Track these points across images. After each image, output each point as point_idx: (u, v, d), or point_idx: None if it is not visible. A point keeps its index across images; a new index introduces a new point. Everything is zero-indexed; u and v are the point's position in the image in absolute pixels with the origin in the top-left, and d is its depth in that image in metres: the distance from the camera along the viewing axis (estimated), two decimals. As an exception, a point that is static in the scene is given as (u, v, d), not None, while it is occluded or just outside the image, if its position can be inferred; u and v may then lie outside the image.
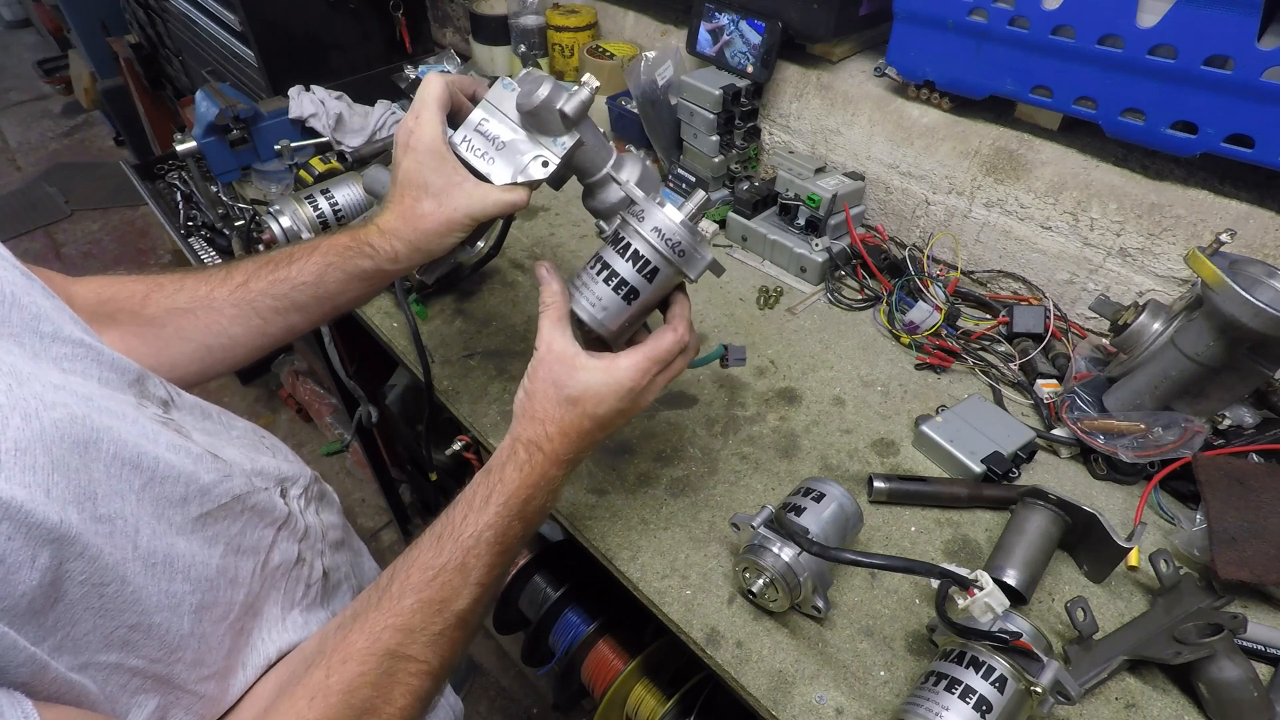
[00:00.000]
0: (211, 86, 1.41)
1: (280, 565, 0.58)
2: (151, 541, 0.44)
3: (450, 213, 0.68)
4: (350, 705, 0.47)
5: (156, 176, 1.59)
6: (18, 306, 0.46)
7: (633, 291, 0.64)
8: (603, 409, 0.61)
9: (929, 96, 1.14)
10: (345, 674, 0.48)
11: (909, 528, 0.85)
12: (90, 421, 0.42)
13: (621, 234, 0.64)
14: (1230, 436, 0.87)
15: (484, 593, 0.56)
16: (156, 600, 0.43)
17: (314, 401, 2.44)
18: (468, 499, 0.58)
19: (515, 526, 0.58)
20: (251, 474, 0.56)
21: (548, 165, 0.69)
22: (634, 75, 1.28)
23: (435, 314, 1.12)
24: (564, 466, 0.62)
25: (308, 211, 1.16)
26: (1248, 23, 0.79)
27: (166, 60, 2.49)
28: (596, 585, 1.28)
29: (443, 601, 0.53)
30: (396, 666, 0.50)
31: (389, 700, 0.49)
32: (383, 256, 0.69)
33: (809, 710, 0.68)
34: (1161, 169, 0.98)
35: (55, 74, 4.27)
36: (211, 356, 0.67)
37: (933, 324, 1.04)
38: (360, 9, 1.60)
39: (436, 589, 0.53)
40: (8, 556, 0.34)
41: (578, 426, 0.61)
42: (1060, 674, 0.60)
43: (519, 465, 0.59)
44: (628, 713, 1.20)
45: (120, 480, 0.43)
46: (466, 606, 0.54)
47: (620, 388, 0.61)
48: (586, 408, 0.61)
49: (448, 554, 0.54)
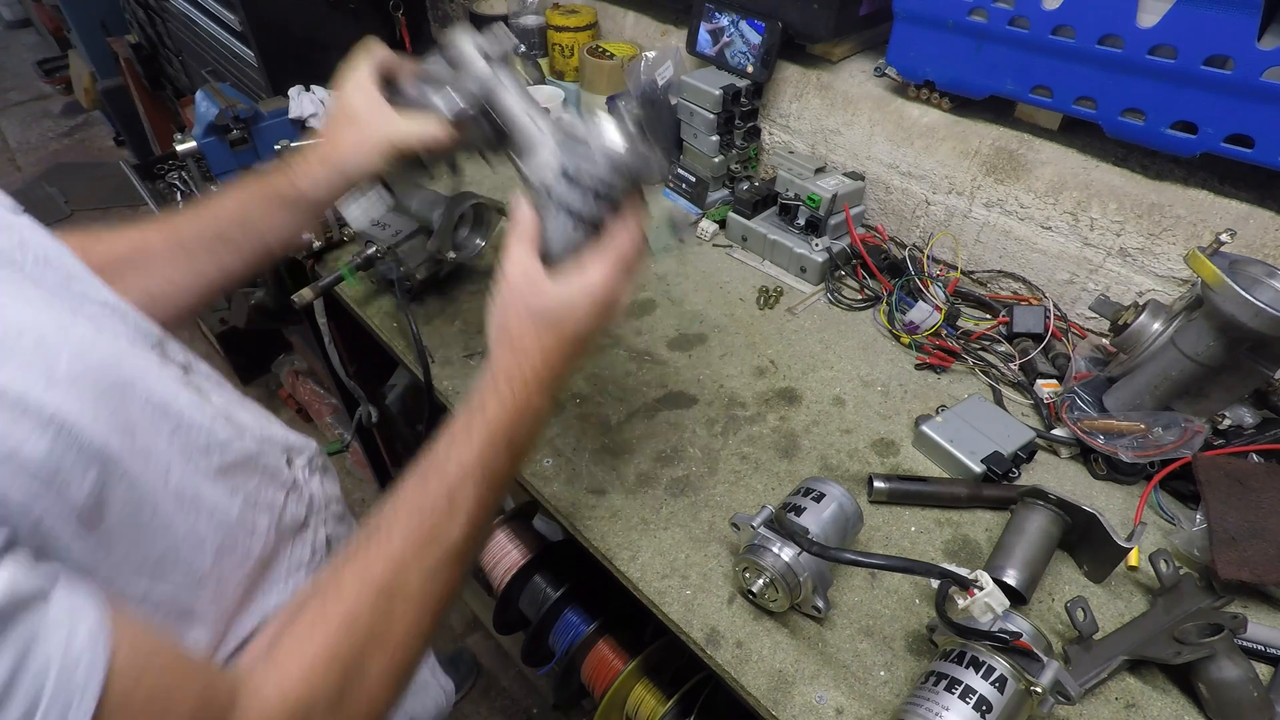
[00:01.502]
0: (211, 86, 1.41)
1: (290, 525, 0.60)
2: (182, 480, 0.47)
3: (369, 135, 0.73)
4: (352, 634, 0.47)
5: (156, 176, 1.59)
6: (51, 266, 0.49)
7: (593, 224, 0.63)
8: (583, 326, 0.61)
9: (929, 96, 1.14)
10: (342, 605, 0.48)
11: (909, 528, 0.85)
12: (126, 368, 0.46)
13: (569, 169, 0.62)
14: (1230, 436, 0.87)
15: (475, 528, 0.56)
16: (184, 533, 0.46)
17: (314, 401, 2.44)
18: (451, 434, 0.57)
19: (502, 458, 0.57)
20: (261, 438, 0.59)
21: (454, 103, 0.74)
22: (634, 75, 1.28)
23: (435, 314, 1.12)
24: (548, 392, 0.61)
25: None
26: (1248, 23, 0.79)
27: (166, 60, 2.50)
28: (596, 585, 1.27)
29: (433, 538, 0.53)
30: (393, 599, 0.50)
31: (388, 632, 0.49)
32: (302, 178, 0.73)
33: (809, 710, 0.68)
34: (1161, 169, 0.98)
35: (55, 74, 4.27)
36: (156, 306, 0.66)
37: (933, 324, 1.04)
38: (360, 9, 1.60)
39: (427, 523, 0.53)
40: (63, 468, 0.37)
41: (559, 350, 0.60)
42: (1060, 674, 0.60)
43: (501, 399, 0.58)
44: (628, 713, 1.20)
45: (153, 422, 0.46)
46: (458, 539, 0.54)
47: (597, 299, 0.60)
48: (567, 328, 0.60)
49: (434, 489, 0.54)
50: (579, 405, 0.98)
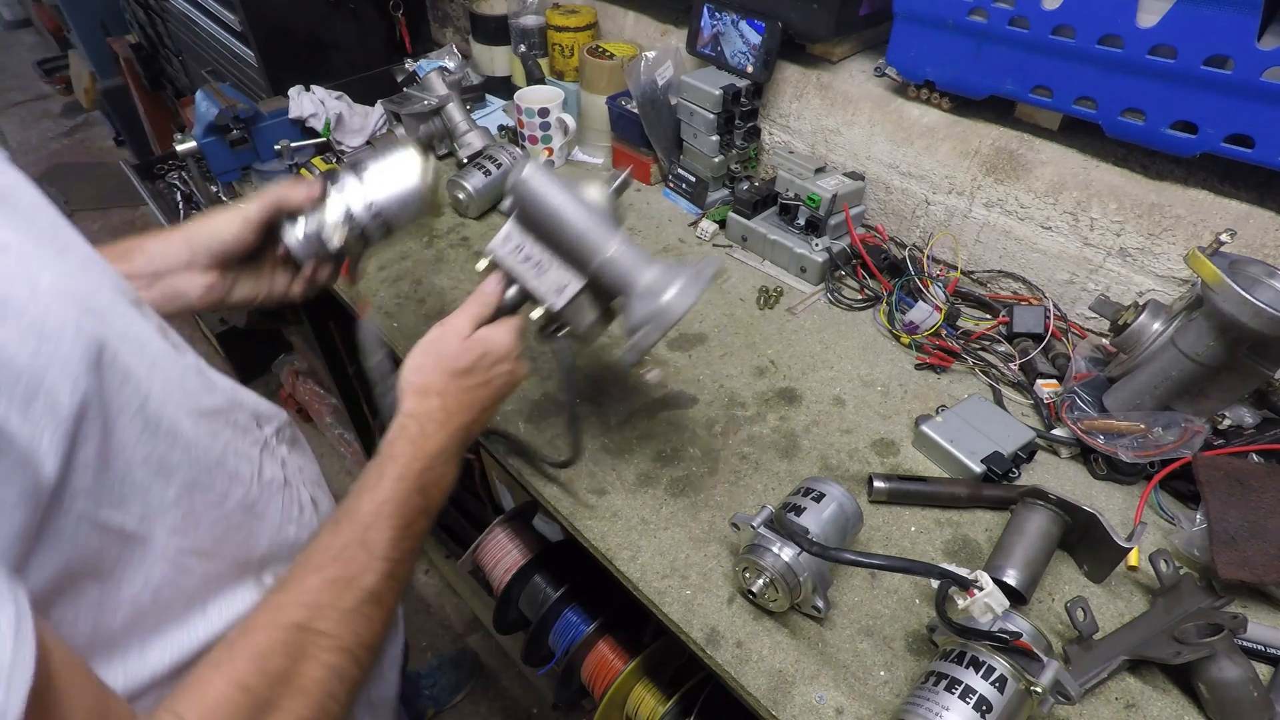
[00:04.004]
0: (211, 86, 1.41)
1: (272, 480, 0.61)
2: (159, 410, 0.46)
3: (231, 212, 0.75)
4: (263, 670, 0.46)
5: (156, 176, 1.59)
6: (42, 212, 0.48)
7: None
8: (491, 374, 0.68)
9: (929, 96, 1.14)
10: (248, 642, 0.47)
11: (909, 528, 0.85)
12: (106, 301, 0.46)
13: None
14: (1230, 436, 0.87)
15: (393, 567, 0.56)
16: (143, 457, 0.45)
17: (314, 401, 2.44)
18: (361, 483, 0.59)
19: (415, 499, 0.59)
20: (232, 398, 0.60)
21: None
22: (634, 75, 1.28)
23: (435, 314, 1.12)
24: (457, 435, 0.65)
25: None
26: (1248, 23, 0.79)
27: (166, 60, 2.50)
28: (596, 585, 1.27)
29: (349, 578, 0.53)
30: (305, 639, 0.49)
31: (301, 671, 0.48)
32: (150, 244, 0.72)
33: (809, 710, 0.68)
34: (1161, 169, 0.98)
35: (55, 74, 4.27)
36: None
37: (933, 324, 1.04)
38: (360, 9, 1.60)
39: (340, 566, 0.53)
40: (48, 379, 0.37)
41: (458, 389, 0.67)
42: (1060, 674, 0.60)
43: (410, 439, 0.62)
44: (628, 713, 1.20)
45: (132, 352, 0.46)
46: (375, 581, 0.54)
47: (488, 343, 0.69)
48: (477, 377, 0.67)
49: (346, 533, 0.55)
50: (579, 405, 0.98)
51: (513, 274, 0.75)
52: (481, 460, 1.61)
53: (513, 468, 0.91)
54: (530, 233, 0.74)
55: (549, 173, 0.72)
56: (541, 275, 0.74)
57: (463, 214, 1.32)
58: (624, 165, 1.44)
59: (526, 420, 0.96)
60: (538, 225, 0.73)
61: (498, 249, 0.75)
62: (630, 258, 0.71)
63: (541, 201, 0.71)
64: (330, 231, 0.77)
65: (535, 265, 0.74)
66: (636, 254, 0.71)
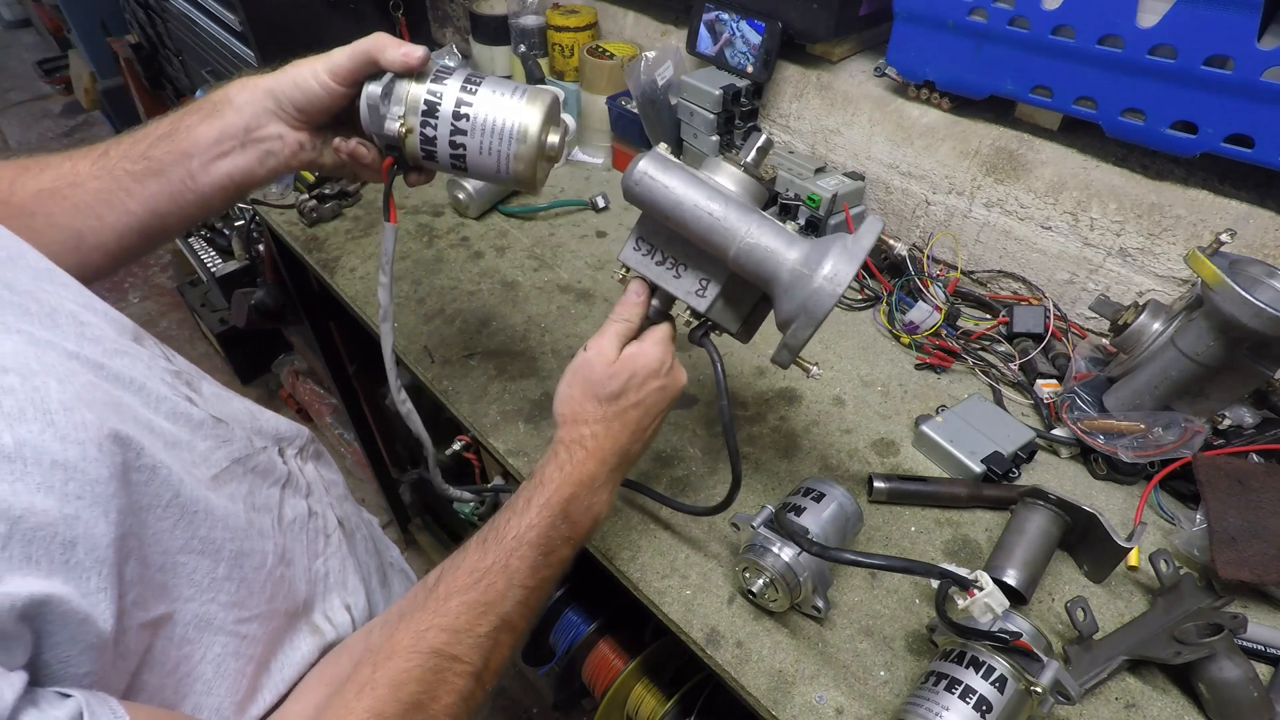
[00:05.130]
0: (212, 86, 1.41)
1: (295, 520, 0.60)
2: (191, 492, 0.45)
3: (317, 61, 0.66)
4: (398, 699, 0.47)
5: (156, 176, 1.59)
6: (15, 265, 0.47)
7: None
8: (637, 394, 0.64)
9: (929, 96, 1.14)
10: (391, 669, 0.48)
11: (909, 528, 0.85)
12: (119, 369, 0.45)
13: None
14: (1230, 436, 0.87)
15: (529, 595, 0.56)
16: (183, 544, 0.45)
17: (314, 401, 2.44)
18: (512, 504, 0.59)
19: (560, 527, 0.59)
20: (252, 431, 0.58)
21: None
22: (634, 75, 1.28)
23: (435, 314, 1.12)
24: (609, 462, 0.63)
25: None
26: (1248, 23, 0.79)
27: (166, 60, 2.50)
28: (596, 585, 1.27)
29: (488, 603, 0.53)
30: (443, 665, 0.49)
31: (435, 698, 0.48)
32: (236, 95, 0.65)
33: (809, 710, 0.68)
34: (1161, 169, 0.98)
35: (55, 74, 4.27)
36: (84, 245, 0.62)
37: (933, 324, 1.04)
38: (360, 9, 1.61)
39: (481, 590, 0.53)
40: (82, 513, 0.36)
41: (619, 417, 0.63)
42: (1060, 674, 0.60)
43: (559, 465, 0.61)
44: (628, 713, 1.20)
45: (150, 431, 0.45)
46: (512, 609, 0.55)
47: (651, 368, 0.64)
48: (629, 399, 0.64)
49: (492, 556, 0.55)
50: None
51: (650, 280, 0.70)
52: (481, 461, 1.61)
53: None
54: (659, 233, 0.68)
55: (664, 163, 0.65)
56: (680, 276, 0.68)
57: (462, 214, 1.32)
58: (624, 166, 1.44)
59: (526, 421, 0.96)
60: (665, 223, 0.66)
61: (629, 257, 0.70)
62: (769, 241, 0.62)
63: (661, 198, 0.64)
64: (392, 111, 0.65)
65: (671, 267, 0.68)
66: (776, 235, 0.62)
